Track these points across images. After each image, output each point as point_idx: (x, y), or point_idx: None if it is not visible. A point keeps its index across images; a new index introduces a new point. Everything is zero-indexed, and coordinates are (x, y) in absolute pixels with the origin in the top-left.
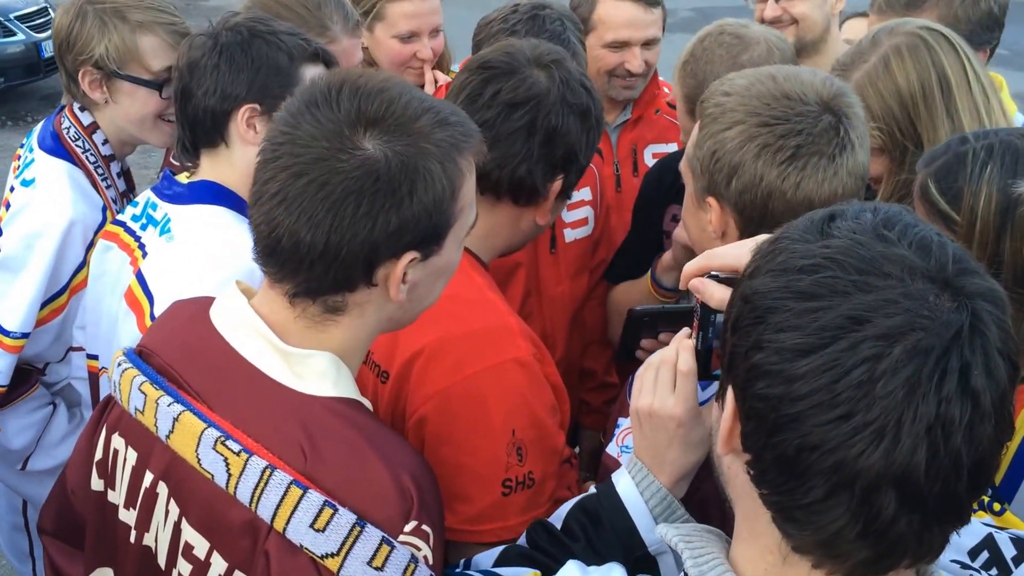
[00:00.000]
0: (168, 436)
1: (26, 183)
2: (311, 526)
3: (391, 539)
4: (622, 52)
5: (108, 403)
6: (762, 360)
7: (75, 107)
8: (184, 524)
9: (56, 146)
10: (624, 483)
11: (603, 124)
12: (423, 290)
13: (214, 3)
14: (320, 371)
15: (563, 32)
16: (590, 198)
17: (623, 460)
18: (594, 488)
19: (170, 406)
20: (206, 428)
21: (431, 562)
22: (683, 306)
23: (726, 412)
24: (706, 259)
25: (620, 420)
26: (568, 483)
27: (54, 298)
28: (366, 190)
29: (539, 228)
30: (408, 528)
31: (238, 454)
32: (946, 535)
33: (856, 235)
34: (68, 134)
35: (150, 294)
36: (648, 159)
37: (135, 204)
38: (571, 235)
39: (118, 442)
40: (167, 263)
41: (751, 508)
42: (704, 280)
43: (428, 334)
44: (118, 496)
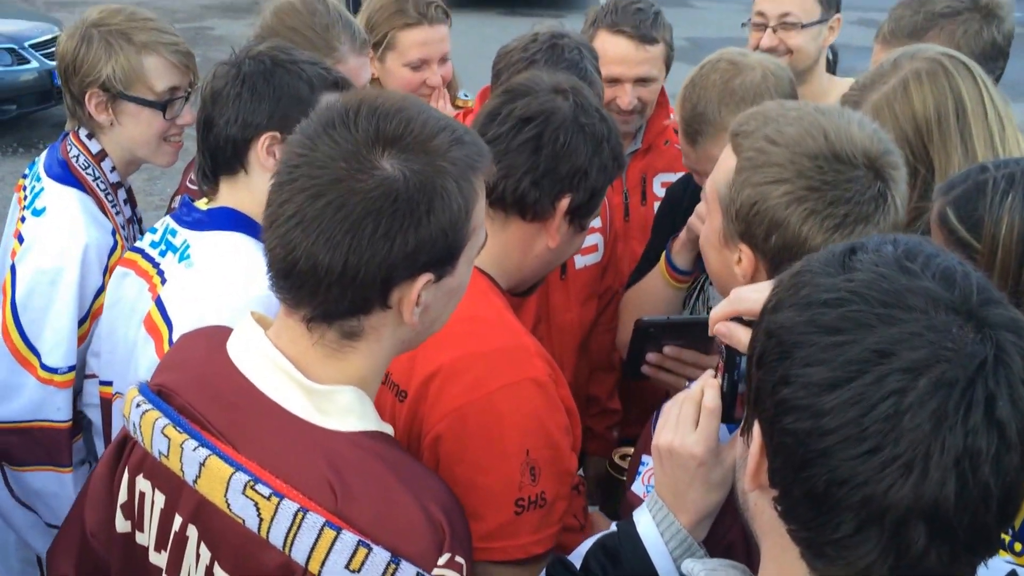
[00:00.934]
0: (195, 481)
1: (37, 213)
2: (346, 567)
3: (425, 574)
4: (614, 88)
5: (124, 443)
6: (790, 395)
7: (81, 134)
8: (216, 568)
9: (65, 173)
10: (644, 522)
11: (622, 158)
12: (435, 312)
13: (219, 32)
14: (345, 407)
15: (581, 61)
16: (600, 225)
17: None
18: (615, 526)
19: (195, 450)
20: (234, 472)
21: None
22: (689, 317)
23: (753, 448)
24: (733, 304)
25: (644, 458)
26: (575, 510)
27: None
28: (385, 210)
29: (553, 256)
30: (442, 561)
31: (268, 498)
32: (974, 567)
33: (879, 268)
34: (77, 162)
35: (169, 320)
36: (658, 188)
37: (154, 231)
38: (581, 261)
39: (144, 484)
40: (187, 289)
41: (778, 544)
42: (730, 324)
43: (446, 353)
44: (147, 538)
